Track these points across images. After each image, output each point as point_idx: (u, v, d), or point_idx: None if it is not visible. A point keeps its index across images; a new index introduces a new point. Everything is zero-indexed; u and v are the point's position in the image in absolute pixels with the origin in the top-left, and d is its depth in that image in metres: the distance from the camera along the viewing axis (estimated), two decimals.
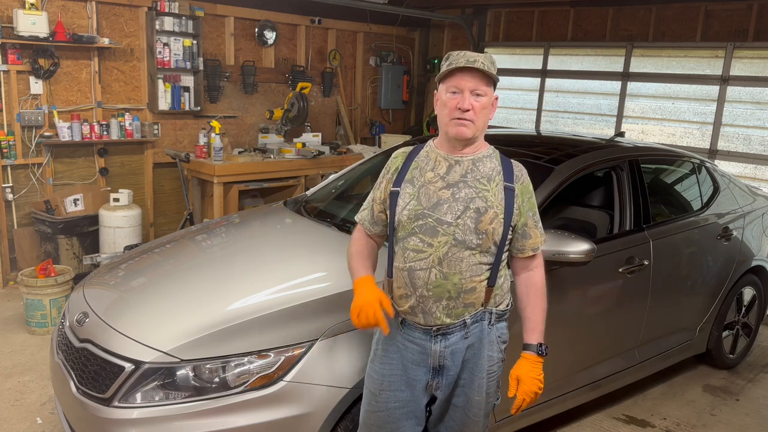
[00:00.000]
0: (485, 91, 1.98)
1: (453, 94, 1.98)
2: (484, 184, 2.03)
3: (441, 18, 7.48)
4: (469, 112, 1.96)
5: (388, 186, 2.12)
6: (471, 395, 2.11)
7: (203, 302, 2.54)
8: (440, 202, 2.01)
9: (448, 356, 2.07)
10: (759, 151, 5.64)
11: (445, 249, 1.99)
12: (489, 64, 1.97)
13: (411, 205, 2.03)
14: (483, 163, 2.06)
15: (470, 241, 1.99)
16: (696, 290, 3.76)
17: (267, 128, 6.48)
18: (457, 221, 1.99)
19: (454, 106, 1.97)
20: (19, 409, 3.35)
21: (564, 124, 6.97)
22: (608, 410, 3.61)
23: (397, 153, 2.18)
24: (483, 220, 1.99)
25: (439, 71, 2.05)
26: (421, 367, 2.09)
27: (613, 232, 3.36)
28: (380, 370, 2.12)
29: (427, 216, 2.01)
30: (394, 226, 2.07)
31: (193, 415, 2.20)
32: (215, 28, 6.07)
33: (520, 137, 4.29)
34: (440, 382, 2.10)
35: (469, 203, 2.00)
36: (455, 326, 2.05)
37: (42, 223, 5.01)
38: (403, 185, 2.07)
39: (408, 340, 2.09)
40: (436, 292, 2.01)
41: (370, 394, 2.14)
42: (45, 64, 4.97)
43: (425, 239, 2.01)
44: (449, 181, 2.04)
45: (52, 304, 4.24)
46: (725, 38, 5.79)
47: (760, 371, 4.24)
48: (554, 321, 2.96)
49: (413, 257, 2.02)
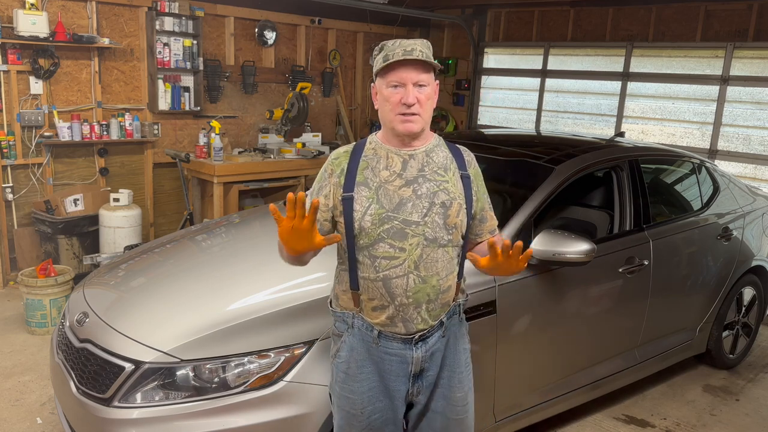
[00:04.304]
0: (427, 80, 1.86)
1: (395, 87, 1.86)
2: (442, 174, 1.94)
3: (441, 18, 7.48)
4: (415, 106, 1.85)
5: (336, 191, 1.93)
6: (451, 394, 2.03)
7: (203, 302, 2.54)
8: (403, 202, 1.89)
9: (428, 359, 1.98)
10: (759, 151, 5.64)
11: (418, 251, 1.88)
12: (427, 51, 1.87)
13: (372, 209, 1.88)
14: (436, 153, 1.97)
15: (441, 237, 1.90)
16: (696, 290, 3.76)
17: (267, 128, 6.48)
18: (425, 219, 1.89)
19: (398, 101, 1.85)
20: (19, 409, 3.35)
21: (564, 124, 6.97)
22: (608, 410, 3.61)
23: (338, 153, 2.00)
24: (450, 213, 1.91)
25: (374, 62, 1.92)
26: (400, 377, 1.98)
27: (613, 232, 3.36)
28: (358, 389, 1.97)
29: (392, 218, 1.87)
30: (354, 234, 1.90)
31: (193, 415, 2.19)
32: (215, 28, 6.07)
33: (520, 137, 4.29)
34: (420, 386, 2.01)
35: (433, 198, 1.90)
36: (434, 328, 1.97)
37: (42, 223, 5.01)
38: (357, 188, 1.90)
39: (386, 353, 1.95)
40: (416, 298, 1.90)
41: (350, 416, 1.99)
42: (45, 64, 4.97)
43: (395, 244, 1.88)
44: (407, 177, 1.91)
45: (52, 304, 4.24)
46: (725, 38, 5.79)
47: (760, 371, 4.24)
48: (554, 321, 2.98)
49: (386, 265, 1.88)
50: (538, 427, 3.21)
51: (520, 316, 2.82)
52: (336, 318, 2.04)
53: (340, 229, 1.96)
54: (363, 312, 1.97)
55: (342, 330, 2.01)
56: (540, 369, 3.01)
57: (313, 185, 2.03)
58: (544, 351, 2.99)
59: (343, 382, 2.00)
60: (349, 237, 1.92)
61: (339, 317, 2.02)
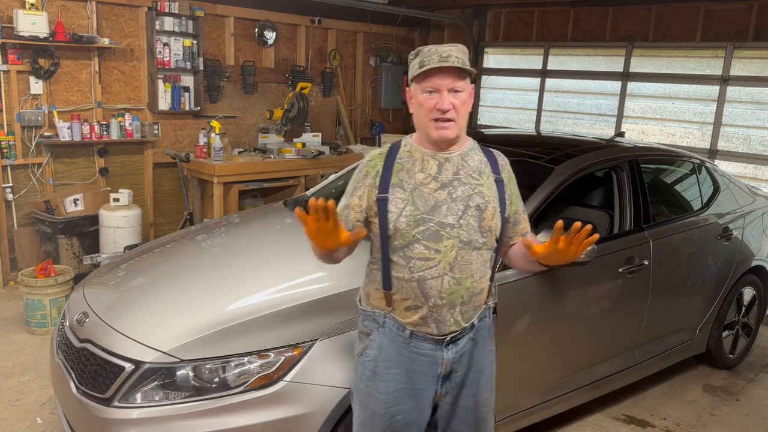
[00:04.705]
0: (462, 87, 1.89)
1: (430, 93, 1.89)
2: (477, 178, 1.96)
3: (441, 18, 7.49)
4: (450, 112, 1.87)
5: (371, 192, 1.96)
6: (479, 394, 2.06)
7: (203, 302, 2.54)
8: (438, 204, 1.91)
9: (457, 361, 2.01)
10: (759, 151, 5.64)
11: (453, 253, 1.90)
12: (463, 57, 1.88)
13: (407, 210, 1.90)
14: (470, 157, 1.99)
15: (476, 240, 1.92)
16: (696, 290, 3.76)
17: (267, 128, 6.47)
18: (460, 222, 1.91)
19: (433, 106, 1.88)
20: (19, 409, 3.35)
21: (564, 124, 6.97)
22: (608, 410, 3.61)
23: (373, 155, 2.04)
24: (485, 216, 1.93)
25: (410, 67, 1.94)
26: (429, 378, 1.99)
27: (613, 232, 3.36)
28: (385, 389, 1.99)
29: (427, 220, 1.90)
30: (388, 234, 1.93)
31: (193, 415, 2.19)
32: (215, 28, 6.07)
33: (520, 137, 4.29)
34: (448, 387, 2.03)
35: (468, 201, 1.92)
36: (465, 330, 1.99)
37: (42, 223, 5.01)
38: (392, 190, 1.93)
39: (417, 353, 1.97)
40: (450, 299, 1.92)
41: (374, 414, 2.01)
42: (45, 64, 4.97)
43: (430, 245, 1.90)
44: (443, 180, 1.94)
45: (52, 304, 4.24)
46: (725, 38, 5.79)
47: (760, 371, 4.24)
48: (554, 321, 2.98)
49: (421, 266, 1.90)
50: (538, 427, 3.21)
51: (519, 316, 2.82)
52: (365, 316, 2.05)
53: (374, 229, 1.98)
54: (395, 312, 1.98)
55: (371, 329, 2.02)
56: (540, 369, 3.01)
57: (348, 186, 2.05)
58: (543, 351, 2.99)
59: (369, 380, 2.01)
60: (383, 237, 1.94)
61: (369, 316, 2.03)
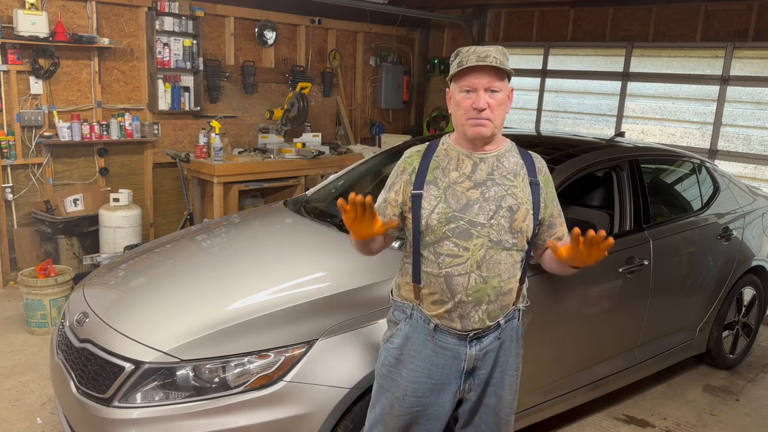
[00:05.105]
0: (500, 87, 1.91)
1: (467, 93, 1.91)
2: (511, 180, 1.98)
3: (441, 18, 7.49)
4: (486, 111, 1.89)
5: (407, 188, 2.01)
6: (503, 394, 2.08)
7: (203, 302, 2.54)
8: (470, 203, 1.94)
9: (481, 358, 2.02)
10: (759, 151, 5.64)
11: (482, 252, 1.93)
12: (501, 57, 1.90)
13: (440, 207, 1.94)
14: (506, 159, 2.01)
15: (506, 241, 1.94)
16: (696, 290, 3.76)
17: (267, 128, 6.47)
18: (491, 222, 1.93)
19: (470, 106, 1.90)
20: (19, 409, 3.35)
21: (564, 124, 6.97)
22: (608, 410, 3.61)
23: (411, 152, 2.08)
24: (517, 218, 1.95)
25: (449, 69, 1.97)
26: (452, 373, 2.02)
27: (613, 232, 3.35)
28: (407, 376, 2.03)
29: (458, 218, 1.93)
30: (420, 230, 1.97)
31: (193, 415, 2.19)
32: (215, 28, 6.07)
33: (520, 137, 4.27)
34: (472, 384, 2.05)
35: (501, 202, 1.94)
36: (490, 329, 2.01)
37: (42, 223, 5.01)
38: (426, 187, 1.98)
39: (440, 347, 2.01)
40: (476, 297, 1.95)
41: (393, 398, 2.06)
42: (45, 64, 4.97)
43: (460, 243, 1.93)
44: (476, 180, 1.96)
45: (52, 304, 4.24)
46: (725, 38, 5.79)
47: (760, 371, 4.24)
48: (554, 321, 2.98)
49: (449, 263, 1.94)
50: (538, 427, 3.21)
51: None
52: (395, 307, 2.11)
53: (408, 224, 2.03)
54: (422, 304, 2.03)
55: (399, 318, 2.09)
56: (540, 369, 3.01)
57: (387, 181, 2.11)
58: (543, 351, 2.99)
59: (392, 366, 2.07)
60: (416, 233, 1.99)
61: (399, 306, 2.10)
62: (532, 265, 2.75)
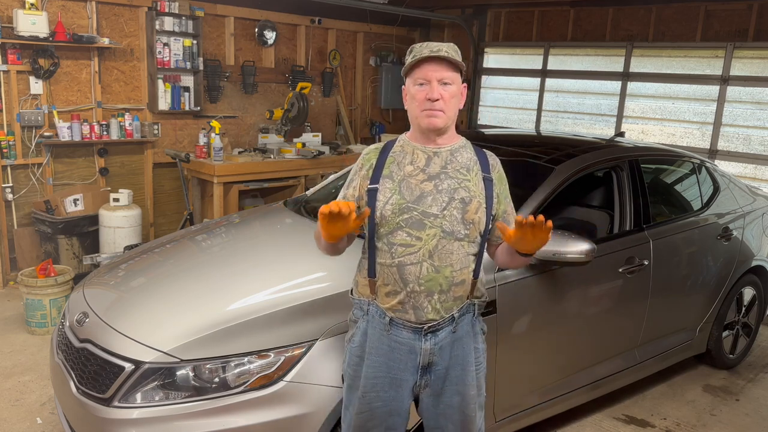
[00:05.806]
0: (452, 79, 1.97)
1: (421, 86, 1.97)
2: (464, 174, 2.03)
3: (441, 18, 7.48)
4: (439, 102, 1.95)
5: (364, 183, 2.07)
6: (466, 391, 2.09)
7: (203, 302, 2.54)
8: (424, 195, 1.99)
9: (437, 353, 2.04)
10: (759, 151, 5.64)
11: (434, 242, 1.97)
12: (453, 52, 1.97)
13: (393, 199, 1.99)
14: (460, 154, 2.07)
15: (458, 231, 1.98)
16: (696, 290, 3.76)
17: (267, 128, 6.48)
18: (443, 212, 1.98)
19: (423, 97, 1.96)
20: (19, 409, 3.35)
21: (564, 124, 6.97)
22: (608, 410, 3.61)
23: (369, 150, 2.14)
24: (469, 209, 1.99)
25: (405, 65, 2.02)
26: (409, 368, 2.05)
27: (613, 232, 3.36)
28: (366, 373, 2.07)
29: (412, 209, 1.98)
30: (375, 222, 2.02)
31: (193, 415, 2.20)
32: (215, 28, 6.07)
33: (520, 137, 4.29)
34: (428, 379, 2.07)
35: (453, 194, 1.99)
36: (444, 321, 2.03)
37: (42, 223, 5.01)
38: (382, 181, 2.03)
39: (396, 341, 2.04)
40: (427, 286, 1.98)
41: (358, 396, 2.09)
42: (45, 64, 4.97)
43: (413, 233, 1.98)
44: (430, 173, 2.02)
45: (52, 304, 4.24)
46: (725, 38, 5.79)
47: (760, 371, 4.24)
48: (554, 321, 2.98)
49: (402, 252, 1.98)
50: (538, 427, 3.21)
51: (520, 316, 2.82)
52: (354, 305, 2.15)
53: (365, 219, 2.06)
54: (378, 298, 2.06)
55: (358, 316, 2.12)
56: (540, 369, 3.01)
57: (347, 178, 2.16)
58: (544, 351, 2.99)
59: (356, 365, 2.10)
60: (371, 226, 2.04)
61: (357, 304, 2.13)
62: (533, 265, 2.78)
